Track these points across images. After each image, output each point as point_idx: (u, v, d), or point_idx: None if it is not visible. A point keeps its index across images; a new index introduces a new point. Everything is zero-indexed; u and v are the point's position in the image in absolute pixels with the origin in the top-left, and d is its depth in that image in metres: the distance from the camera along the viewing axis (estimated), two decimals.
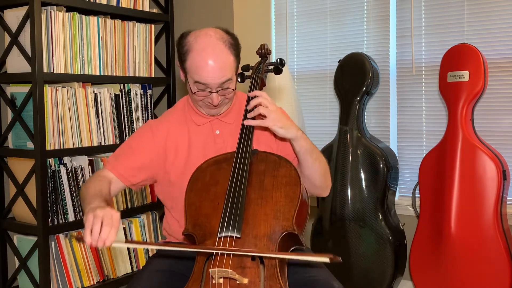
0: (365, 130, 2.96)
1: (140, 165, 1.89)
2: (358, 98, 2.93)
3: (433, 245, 2.67)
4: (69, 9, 2.72)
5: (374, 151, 2.85)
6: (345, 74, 2.98)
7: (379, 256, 2.83)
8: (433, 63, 2.90)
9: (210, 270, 1.54)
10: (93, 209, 1.54)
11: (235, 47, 1.83)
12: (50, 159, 2.63)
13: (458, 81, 2.63)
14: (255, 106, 1.77)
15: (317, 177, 1.85)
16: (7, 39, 2.68)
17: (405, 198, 3.04)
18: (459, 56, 2.64)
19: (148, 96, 3.11)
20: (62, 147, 2.67)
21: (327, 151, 2.97)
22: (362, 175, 2.87)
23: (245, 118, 1.81)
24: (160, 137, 1.90)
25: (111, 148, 2.89)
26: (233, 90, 1.84)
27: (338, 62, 3.03)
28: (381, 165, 2.83)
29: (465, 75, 2.61)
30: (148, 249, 3.08)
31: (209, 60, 1.77)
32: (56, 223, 2.64)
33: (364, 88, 2.91)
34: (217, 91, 1.80)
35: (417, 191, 2.85)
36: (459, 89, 2.62)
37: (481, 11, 2.76)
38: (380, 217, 2.83)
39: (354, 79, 2.94)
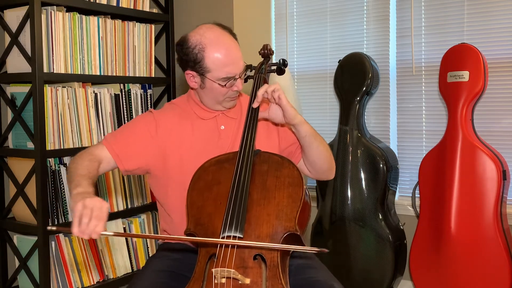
0: (365, 130, 2.96)
1: (139, 152, 1.86)
2: (358, 98, 2.93)
3: (433, 245, 2.67)
4: (69, 9, 2.71)
5: (374, 151, 2.86)
6: (345, 74, 2.99)
7: (379, 256, 2.83)
8: (433, 63, 2.90)
9: (213, 270, 1.55)
10: (82, 197, 1.53)
11: (231, 31, 1.89)
12: (50, 159, 2.63)
13: (458, 81, 2.63)
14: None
15: (323, 160, 1.91)
16: (7, 39, 2.67)
17: (405, 198, 3.04)
18: (459, 56, 2.65)
19: (148, 96, 3.10)
20: (62, 147, 2.66)
21: None
22: (362, 175, 2.87)
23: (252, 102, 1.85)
24: (164, 128, 1.89)
25: None
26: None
27: (338, 62, 3.03)
28: (381, 165, 2.83)
29: (465, 75, 2.61)
30: (148, 249, 3.08)
31: (231, 49, 1.81)
32: (56, 223, 2.64)
33: (364, 88, 2.91)
34: (240, 76, 1.85)
35: (417, 191, 2.85)
36: (459, 89, 2.62)
37: (481, 11, 2.76)
38: (380, 217, 2.84)
39: (354, 79, 2.94)
